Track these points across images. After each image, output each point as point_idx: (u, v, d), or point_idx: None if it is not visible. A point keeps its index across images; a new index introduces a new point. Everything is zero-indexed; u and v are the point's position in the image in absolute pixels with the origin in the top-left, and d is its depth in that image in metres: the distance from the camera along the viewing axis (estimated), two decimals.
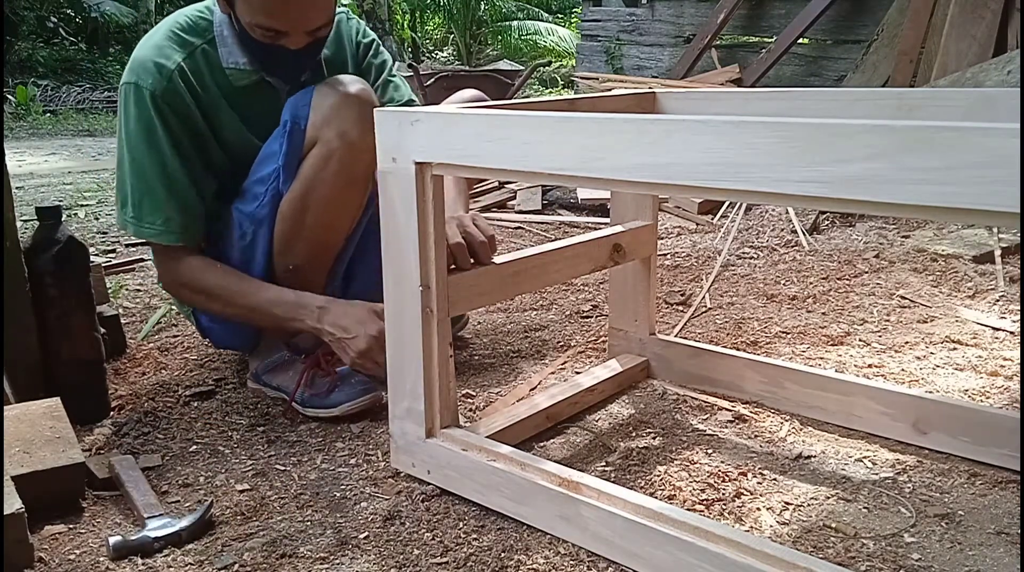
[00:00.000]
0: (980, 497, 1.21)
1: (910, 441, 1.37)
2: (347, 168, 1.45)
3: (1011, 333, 1.85)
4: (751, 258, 2.54)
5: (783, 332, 1.90)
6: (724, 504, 1.21)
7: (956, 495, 1.22)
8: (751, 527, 1.15)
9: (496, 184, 3.54)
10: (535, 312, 2.09)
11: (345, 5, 8.36)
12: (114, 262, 2.62)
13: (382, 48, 1.72)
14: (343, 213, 1.53)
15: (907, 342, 1.82)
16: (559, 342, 1.89)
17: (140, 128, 1.46)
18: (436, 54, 14.53)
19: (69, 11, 11.62)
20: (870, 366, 1.69)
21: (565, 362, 1.77)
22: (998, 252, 2.35)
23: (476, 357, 1.81)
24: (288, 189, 1.49)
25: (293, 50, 1.44)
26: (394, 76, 1.70)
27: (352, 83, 1.46)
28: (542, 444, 1.41)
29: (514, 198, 3.45)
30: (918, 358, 1.73)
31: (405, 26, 13.69)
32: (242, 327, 1.59)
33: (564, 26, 13.51)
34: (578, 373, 1.67)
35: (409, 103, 1.68)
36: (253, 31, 1.41)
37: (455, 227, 1.33)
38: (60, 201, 3.80)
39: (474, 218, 1.38)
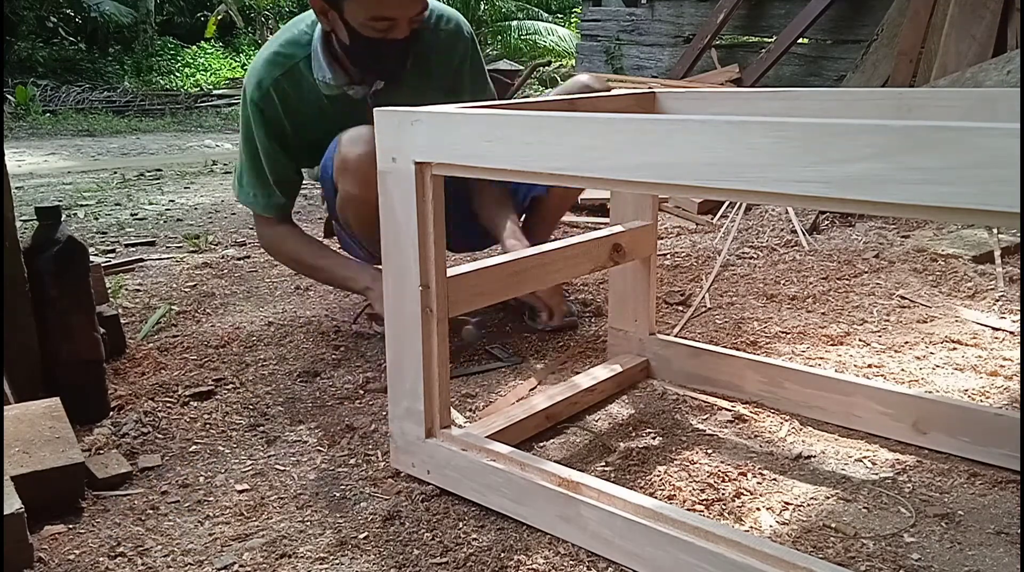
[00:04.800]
0: (980, 497, 1.21)
1: (910, 441, 1.37)
2: (360, 213, 1.74)
3: (1011, 333, 1.85)
4: (751, 258, 2.54)
5: (783, 332, 1.90)
6: (724, 504, 1.21)
7: (956, 495, 1.22)
8: (751, 527, 1.15)
9: None
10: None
11: None
12: (114, 262, 2.62)
13: (482, 72, 1.96)
14: (374, 232, 1.66)
15: (907, 342, 1.82)
16: (559, 342, 1.89)
17: (246, 125, 1.83)
18: None
19: (69, 11, 11.62)
20: (870, 366, 1.69)
21: (565, 362, 1.77)
22: (998, 252, 2.35)
23: (476, 358, 1.81)
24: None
25: (400, 40, 1.67)
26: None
27: (354, 145, 1.67)
28: (542, 444, 1.41)
29: None
30: (918, 358, 1.73)
31: None
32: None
33: (564, 26, 13.50)
34: (578, 373, 1.66)
35: None
36: (366, 29, 1.65)
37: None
38: (60, 201, 3.80)
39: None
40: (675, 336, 1.84)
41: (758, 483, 1.26)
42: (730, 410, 1.51)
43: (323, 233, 2.39)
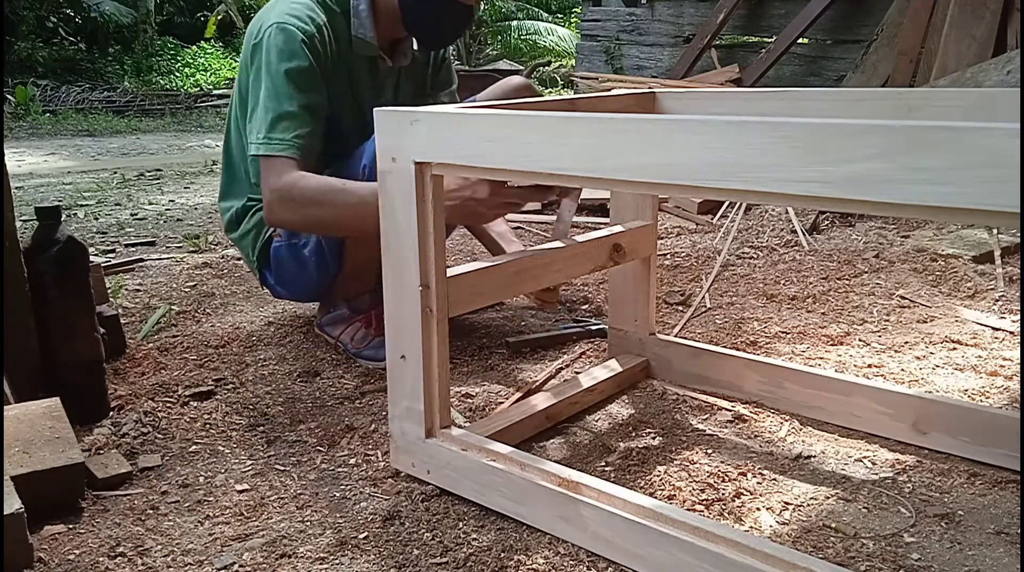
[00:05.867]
0: (980, 497, 1.21)
1: (910, 441, 1.37)
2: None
3: (1011, 333, 1.85)
4: (751, 258, 2.54)
5: (783, 332, 1.90)
6: (724, 504, 1.21)
7: (956, 495, 1.22)
8: (751, 527, 1.15)
9: None
10: (535, 311, 2.09)
11: None
12: (113, 262, 2.62)
13: (452, 66, 1.99)
14: None
15: (907, 342, 1.82)
16: (559, 342, 1.88)
17: (285, 62, 1.58)
18: None
19: (69, 11, 11.62)
20: (870, 366, 1.69)
21: (565, 362, 1.77)
22: (998, 252, 2.35)
23: (476, 357, 1.81)
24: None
25: (466, 6, 1.67)
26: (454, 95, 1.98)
27: None
28: (542, 444, 1.41)
29: None
30: (918, 358, 1.73)
31: None
32: (303, 286, 1.81)
33: (564, 26, 13.50)
34: (578, 373, 1.66)
35: None
36: None
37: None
38: (60, 201, 3.80)
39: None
40: (675, 336, 1.84)
41: (758, 483, 1.26)
42: (730, 410, 1.51)
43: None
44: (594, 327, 1.92)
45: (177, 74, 12.09)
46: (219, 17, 12.94)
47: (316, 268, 1.74)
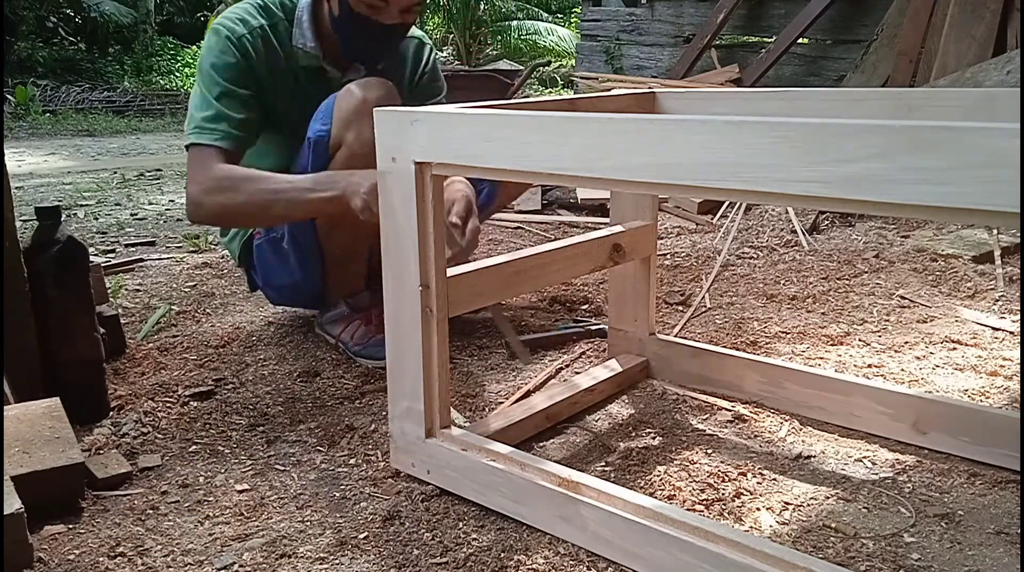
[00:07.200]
0: (980, 497, 1.21)
1: (910, 441, 1.37)
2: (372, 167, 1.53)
3: (1011, 333, 1.85)
4: (751, 258, 2.54)
5: (783, 332, 1.90)
6: (724, 504, 1.21)
7: (956, 495, 1.22)
8: (751, 527, 1.15)
9: None
10: (536, 311, 2.09)
11: None
12: (113, 262, 2.62)
13: (440, 74, 1.94)
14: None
15: (907, 342, 1.82)
16: (560, 343, 1.88)
17: (212, 58, 1.66)
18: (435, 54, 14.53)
19: (68, 11, 11.62)
20: (870, 366, 1.69)
21: (565, 362, 1.77)
22: (998, 252, 2.35)
23: (476, 357, 1.81)
24: None
25: (385, 26, 1.64)
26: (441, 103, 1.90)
27: (374, 88, 1.58)
28: (542, 444, 1.41)
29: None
30: (918, 358, 1.73)
31: None
32: (291, 281, 1.81)
33: (564, 26, 13.50)
34: (578, 373, 1.66)
35: None
36: (358, 5, 1.62)
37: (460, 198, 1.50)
38: (60, 201, 3.80)
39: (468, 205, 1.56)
40: (675, 336, 1.84)
41: (758, 483, 1.26)
42: (730, 410, 1.51)
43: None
44: (594, 327, 1.92)
45: (177, 74, 12.09)
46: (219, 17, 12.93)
47: (297, 261, 1.76)
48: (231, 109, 1.63)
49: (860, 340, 1.84)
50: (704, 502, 1.21)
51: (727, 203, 3.13)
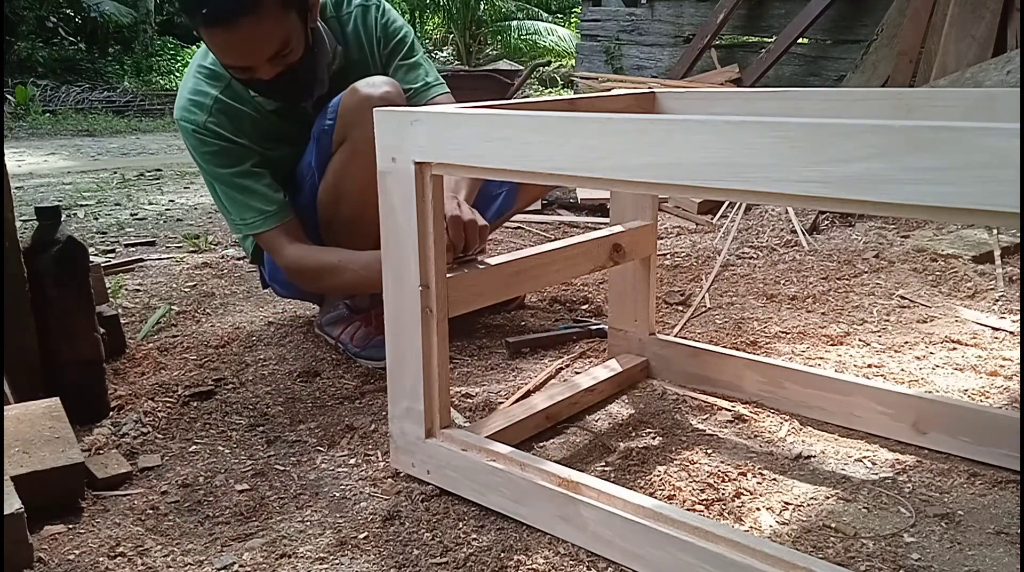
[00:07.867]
0: (980, 497, 1.21)
1: (910, 441, 1.37)
2: (372, 167, 1.52)
3: (1011, 333, 1.85)
4: (751, 258, 2.54)
5: (783, 332, 1.90)
6: (724, 504, 1.21)
7: (956, 495, 1.22)
8: (751, 527, 1.15)
9: None
10: (534, 311, 2.09)
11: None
12: (113, 262, 2.62)
13: (414, 45, 1.82)
14: (373, 203, 1.61)
15: (907, 342, 1.82)
16: (560, 343, 1.88)
17: (199, 156, 1.69)
18: (436, 54, 14.52)
19: (68, 11, 11.61)
20: (870, 366, 1.69)
21: (565, 362, 1.77)
22: (998, 252, 2.35)
23: (476, 357, 1.81)
24: (322, 181, 1.69)
25: (273, 79, 1.56)
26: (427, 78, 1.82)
27: (379, 86, 1.57)
28: (541, 444, 1.41)
29: None
30: (918, 358, 1.73)
31: None
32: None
33: (564, 26, 13.50)
34: (578, 373, 1.66)
35: (425, 87, 1.79)
36: (233, 75, 1.59)
37: (453, 204, 1.44)
38: (59, 201, 3.80)
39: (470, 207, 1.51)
40: (675, 336, 1.84)
41: (758, 483, 1.26)
42: (730, 410, 1.51)
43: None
44: (594, 327, 1.92)
45: (177, 74, 12.08)
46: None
47: None
48: (249, 188, 1.67)
49: (860, 340, 1.84)
50: (704, 502, 1.21)
51: (727, 203, 3.13)
